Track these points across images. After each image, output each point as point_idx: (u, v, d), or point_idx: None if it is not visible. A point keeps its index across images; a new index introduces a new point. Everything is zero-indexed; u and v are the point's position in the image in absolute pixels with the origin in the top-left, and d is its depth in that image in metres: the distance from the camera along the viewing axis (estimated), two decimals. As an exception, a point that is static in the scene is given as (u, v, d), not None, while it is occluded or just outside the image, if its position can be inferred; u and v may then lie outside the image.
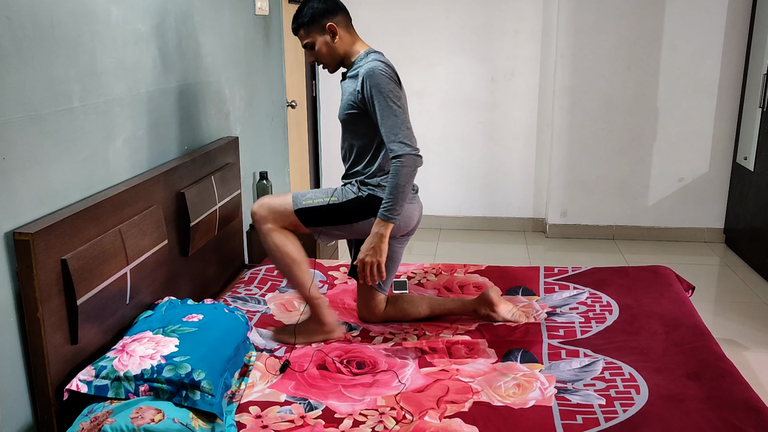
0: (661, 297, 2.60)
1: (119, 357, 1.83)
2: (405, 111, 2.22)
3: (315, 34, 2.30)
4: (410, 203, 2.37)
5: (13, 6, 1.67)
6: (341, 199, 2.33)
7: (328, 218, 2.34)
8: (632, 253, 4.43)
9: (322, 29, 2.29)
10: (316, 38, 2.30)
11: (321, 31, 2.29)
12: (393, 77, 2.22)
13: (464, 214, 4.99)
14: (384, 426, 1.84)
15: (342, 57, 2.34)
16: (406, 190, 2.18)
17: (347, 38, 2.33)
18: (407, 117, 2.22)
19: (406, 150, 2.16)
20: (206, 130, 2.89)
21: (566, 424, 1.82)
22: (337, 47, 2.31)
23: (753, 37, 4.25)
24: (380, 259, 2.22)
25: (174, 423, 1.68)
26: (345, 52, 2.33)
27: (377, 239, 2.21)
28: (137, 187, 2.17)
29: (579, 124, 4.62)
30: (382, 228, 2.21)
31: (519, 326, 2.41)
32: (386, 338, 2.38)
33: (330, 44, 2.30)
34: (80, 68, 1.95)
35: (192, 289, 2.61)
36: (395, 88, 2.21)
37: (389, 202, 2.19)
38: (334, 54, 2.33)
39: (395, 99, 2.19)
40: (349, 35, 2.33)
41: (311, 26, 2.29)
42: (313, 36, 2.31)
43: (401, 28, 4.67)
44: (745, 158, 4.26)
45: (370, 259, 2.23)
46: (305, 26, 2.30)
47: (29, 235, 1.65)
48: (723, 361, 2.10)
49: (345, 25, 2.32)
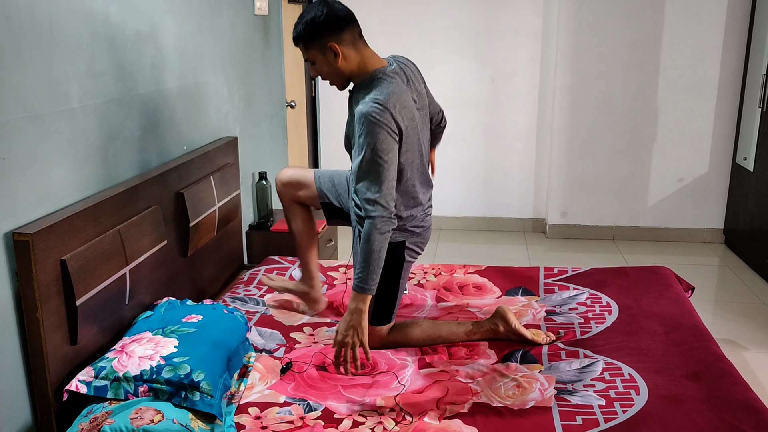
0: (661, 297, 2.60)
1: (118, 357, 1.83)
2: (390, 166, 1.95)
3: (315, 51, 2.02)
4: (426, 231, 2.26)
5: (13, 6, 1.67)
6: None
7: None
8: (632, 254, 4.43)
9: (323, 48, 2.00)
10: (317, 57, 2.03)
11: (322, 49, 2.00)
12: (388, 124, 1.93)
13: (464, 215, 4.99)
14: (383, 427, 1.84)
15: (348, 77, 2.07)
16: (381, 256, 1.94)
17: (354, 57, 2.02)
18: (391, 174, 1.96)
19: (380, 212, 1.93)
20: (205, 130, 2.89)
21: (566, 424, 1.82)
22: (341, 68, 2.02)
23: (753, 37, 4.25)
24: (363, 338, 1.93)
25: (173, 424, 1.68)
26: (351, 73, 2.05)
27: (356, 316, 1.92)
28: (137, 188, 2.17)
29: (579, 124, 4.62)
30: (359, 302, 1.93)
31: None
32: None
33: (332, 65, 2.02)
34: (79, 68, 1.95)
35: (191, 289, 2.61)
36: (386, 139, 1.92)
37: (363, 272, 1.93)
38: (339, 74, 2.05)
39: (382, 152, 1.92)
40: (356, 53, 2.03)
41: (310, 43, 2.01)
42: (313, 54, 2.03)
43: (401, 28, 4.67)
44: (745, 158, 4.26)
45: (351, 339, 1.92)
46: (304, 42, 2.03)
47: (29, 236, 1.65)
48: (722, 361, 2.10)
49: (351, 42, 2.01)
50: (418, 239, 2.27)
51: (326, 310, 2.61)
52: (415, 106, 2.11)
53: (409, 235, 2.23)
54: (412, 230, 2.23)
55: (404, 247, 2.23)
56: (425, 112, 2.20)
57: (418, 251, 2.31)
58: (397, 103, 1.98)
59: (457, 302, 2.66)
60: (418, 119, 2.11)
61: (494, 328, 2.31)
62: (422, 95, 2.18)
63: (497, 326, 2.30)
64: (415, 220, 2.22)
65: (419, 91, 2.16)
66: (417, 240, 2.26)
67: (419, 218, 2.24)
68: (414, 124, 2.07)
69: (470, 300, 2.68)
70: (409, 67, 2.18)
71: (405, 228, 2.21)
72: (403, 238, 2.21)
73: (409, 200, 2.18)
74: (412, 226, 2.22)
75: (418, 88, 2.17)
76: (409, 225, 2.21)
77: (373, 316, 2.25)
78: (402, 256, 2.23)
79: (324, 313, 2.59)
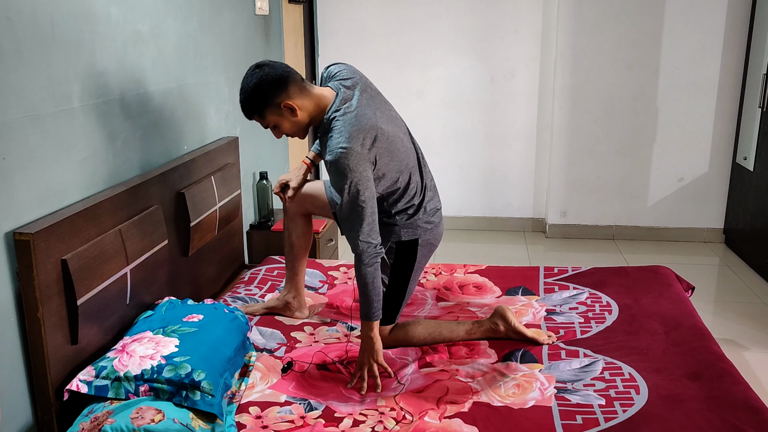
0: (661, 297, 2.60)
1: (119, 357, 1.84)
2: (368, 203, 2.00)
3: (272, 116, 2.04)
4: (437, 227, 2.29)
5: (14, 6, 1.67)
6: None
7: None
8: (632, 253, 4.43)
9: (278, 110, 2.02)
10: (276, 119, 2.05)
11: (278, 111, 2.03)
12: (357, 165, 1.97)
13: (464, 214, 4.99)
14: (384, 426, 1.84)
15: (309, 124, 2.11)
16: (375, 284, 2.06)
17: (308, 104, 2.05)
18: (370, 210, 2.01)
19: (364, 248, 2.02)
20: (206, 130, 2.89)
21: (566, 424, 1.82)
22: (301, 120, 2.05)
23: (753, 37, 4.25)
24: (378, 359, 2.09)
25: (174, 423, 1.68)
26: (311, 118, 2.08)
27: (368, 341, 2.09)
28: (137, 187, 2.17)
29: (579, 124, 4.62)
30: (368, 330, 2.08)
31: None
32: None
33: (292, 121, 2.05)
34: (80, 68, 1.95)
35: (192, 289, 2.61)
36: (359, 180, 1.97)
37: (364, 303, 2.08)
38: (301, 126, 2.08)
39: (359, 195, 1.98)
40: (308, 99, 2.05)
41: (263, 111, 2.03)
42: (271, 119, 2.05)
43: (401, 28, 4.66)
44: (745, 158, 4.26)
45: (366, 360, 2.08)
46: (257, 112, 2.05)
47: (29, 235, 1.65)
48: (723, 361, 2.10)
49: (300, 91, 2.03)
50: (430, 237, 2.28)
51: (326, 310, 2.61)
52: (380, 98, 2.17)
53: (422, 232, 2.25)
54: (424, 226, 2.25)
55: (417, 245, 2.25)
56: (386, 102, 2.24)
57: (429, 254, 2.32)
58: (360, 133, 2.00)
59: (457, 302, 2.67)
60: (387, 114, 2.15)
61: (494, 327, 2.32)
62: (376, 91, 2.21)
63: (497, 325, 2.31)
64: (425, 215, 2.25)
65: (374, 90, 2.20)
66: (429, 238, 2.28)
67: (429, 212, 2.27)
68: (389, 127, 2.10)
69: (470, 299, 2.69)
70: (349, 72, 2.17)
71: (417, 224, 2.23)
72: (416, 236, 2.23)
73: (414, 197, 2.22)
74: (424, 222, 2.25)
75: (375, 89, 2.20)
76: (421, 222, 2.24)
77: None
78: (414, 255, 2.25)
79: (324, 312, 2.60)
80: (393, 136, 2.11)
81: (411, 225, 2.23)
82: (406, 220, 2.22)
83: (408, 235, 2.23)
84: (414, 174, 2.21)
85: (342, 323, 2.49)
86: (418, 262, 2.28)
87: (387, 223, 2.22)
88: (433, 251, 2.34)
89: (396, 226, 2.22)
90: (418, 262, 2.28)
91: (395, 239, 2.23)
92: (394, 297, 2.27)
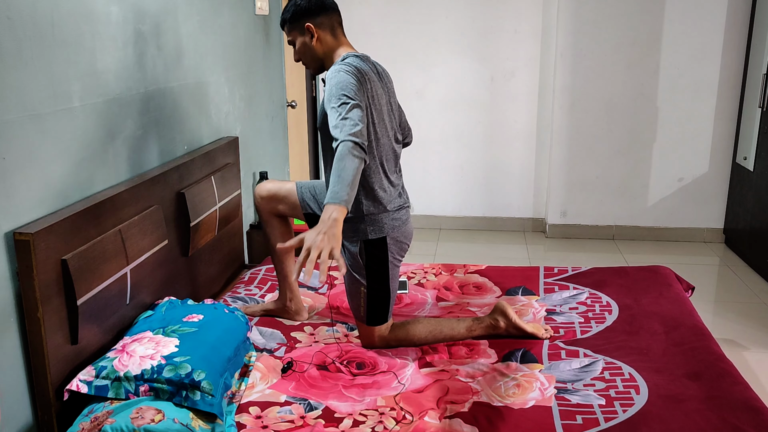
0: (661, 297, 2.60)
1: (119, 357, 1.83)
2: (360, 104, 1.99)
3: (295, 32, 2.24)
4: (405, 224, 2.28)
5: (14, 6, 1.67)
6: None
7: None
8: (632, 253, 4.43)
9: (302, 29, 2.21)
10: (297, 36, 2.24)
11: (301, 30, 2.22)
12: (356, 73, 2.07)
13: (464, 214, 4.99)
14: (384, 426, 1.84)
15: (321, 59, 2.25)
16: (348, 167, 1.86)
17: (329, 41, 2.22)
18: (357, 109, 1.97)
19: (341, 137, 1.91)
20: (206, 130, 2.89)
21: (566, 424, 1.82)
22: (315, 48, 2.22)
23: (753, 37, 4.25)
24: (335, 246, 1.78)
25: (174, 423, 1.68)
26: (324, 55, 2.23)
27: (329, 223, 1.79)
28: (137, 187, 2.17)
29: (579, 124, 4.62)
30: (333, 212, 1.81)
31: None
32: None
33: (308, 45, 2.22)
34: (80, 68, 1.95)
35: (192, 289, 2.61)
36: (351, 83, 2.01)
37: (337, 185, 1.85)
38: (313, 55, 2.24)
39: (347, 91, 2.00)
40: (332, 38, 2.23)
41: (292, 23, 2.23)
42: (294, 34, 2.25)
43: (401, 28, 4.67)
44: (745, 158, 4.27)
45: (321, 243, 1.76)
46: (287, 23, 2.25)
47: (29, 235, 1.65)
48: (723, 361, 2.10)
49: (329, 27, 2.22)
50: (398, 234, 2.26)
51: (326, 309, 2.62)
52: (384, 95, 2.22)
53: (389, 230, 2.23)
54: (390, 223, 2.23)
55: (386, 243, 2.23)
56: (395, 108, 2.31)
57: (401, 252, 2.31)
58: (365, 73, 2.11)
59: (457, 301, 2.67)
60: (384, 102, 2.20)
61: (494, 324, 2.33)
62: (392, 93, 2.31)
63: (497, 321, 2.32)
64: (391, 203, 2.23)
65: (390, 90, 2.29)
66: (397, 235, 2.25)
67: (394, 203, 2.25)
68: (380, 102, 2.17)
69: (470, 299, 2.69)
70: (385, 70, 2.31)
71: (383, 221, 2.21)
72: (383, 233, 2.22)
73: (382, 179, 2.21)
74: (390, 219, 2.23)
75: (390, 87, 2.30)
76: (387, 218, 2.22)
77: (368, 317, 2.26)
78: (385, 253, 2.24)
79: (325, 312, 2.60)
80: (380, 109, 2.17)
81: (377, 222, 2.21)
82: (372, 216, 2.20)
83: (375, 233, 2.21)
84: (386, 165, 2.22)
85: (342, 323, 2.49)
86: (391, 261, 2.26)
87: (353, 220, 2.21)
88: (405, 249, 2.33)
89: (362, 223, 2.21)
90: (391, 261, 2.26)
91: (362, 237, 2.22)
92: (380, 297, 2.26)
